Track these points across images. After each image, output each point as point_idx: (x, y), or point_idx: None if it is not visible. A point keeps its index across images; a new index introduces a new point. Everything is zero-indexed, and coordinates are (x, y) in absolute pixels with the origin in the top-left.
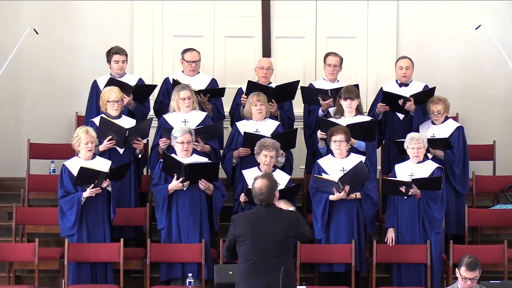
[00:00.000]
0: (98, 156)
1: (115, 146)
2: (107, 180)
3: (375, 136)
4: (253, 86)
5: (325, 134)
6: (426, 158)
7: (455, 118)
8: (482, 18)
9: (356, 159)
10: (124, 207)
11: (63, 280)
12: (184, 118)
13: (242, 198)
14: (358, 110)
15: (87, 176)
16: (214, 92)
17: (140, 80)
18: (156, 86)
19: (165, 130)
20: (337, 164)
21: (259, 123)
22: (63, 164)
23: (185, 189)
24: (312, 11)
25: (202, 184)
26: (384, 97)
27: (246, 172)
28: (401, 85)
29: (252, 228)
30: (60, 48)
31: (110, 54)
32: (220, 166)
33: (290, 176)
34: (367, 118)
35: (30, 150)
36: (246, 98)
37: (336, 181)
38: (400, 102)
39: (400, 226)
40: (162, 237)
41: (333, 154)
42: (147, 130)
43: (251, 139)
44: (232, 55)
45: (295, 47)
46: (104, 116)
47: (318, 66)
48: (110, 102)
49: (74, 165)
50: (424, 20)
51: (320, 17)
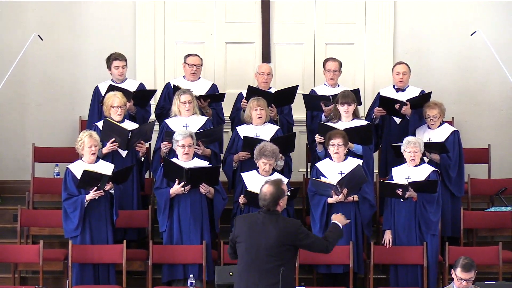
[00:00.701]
0: (101, 159)
1: (118, 149)
2: (110, 183)
3: (372, 139)
4: (253, 91)
5: (323, 138)
6: (422, 161)
7: (451, 123)
8: (477, 24)
9: (353, 163)
10: (127, 210)
11: (67, 281)
12: (185, 122)
13: (241, 200)
14: (355, 115)
15: (91, 179)
16: (214, 97)
17: (141, 85)
18: (155, 90)
19: (167, 134)
20: (335, 167)
21: (259, 128)
22: (67, 167)
23: (186, 192)
24: (310, 18)
25: (203, 188)
26: (381, 101)
27: (245, 175)
28: (398, 90)
29: (248, 230)
30: (64, 54)
31: (110, 60)
32: (221, 170)
33: (289, 179)
34: (364, 122)
35: (35, 153)
36: (247, 103)
37: (334, 184)
38: (396, 106)
39: (397, 228)
40: (164, 239)
41: (331, 158)
42: (150, 133)
43: (251, 143)
44: (232, 61)
45: (294, 53)
46: (107, 118)
47: (316, 71)
48: (113, 107)
49: (77, 168)
50: (420, 26)
51: (318, 23)
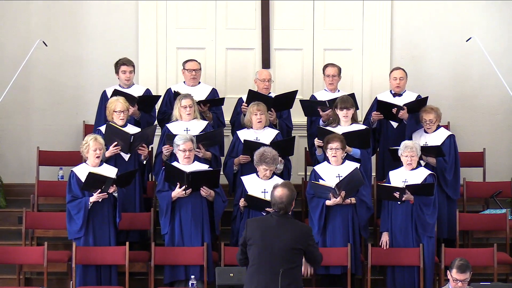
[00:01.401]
0: (105, 163)
1: (121, 152)
2: (114, 186)
3: (370, 143)
4: (253, 95)
5: (322, 142)
6: (419, 165)
7: (447, 127)
8: (472, 31)
9: (351, 166)
10: (129, 212)
11: (71, 282)
12: (186, 126)
13: (241, 203)
14: (354, 119)
15: (95, 181)
16: (213, 102)
17: (147, 90)
18: (160, 96)
19: (168, 137)
20: (333, 170)
21: (259, 132)
22: (72, 170)
23: (187, 195)
24: (309, 24)
25: (204, 191)
26: (378, 106)
27: (245, 178)
28: (395, 95)
29: (261, 233)
30: (68, 60)
31: (118, 65)
32: (221, 173)
33: None
34: (362, 127)
35: (39, 157)
36: (247, 107)
37: (333, 187)
38: (394, 110)
39: (394, 230)
40: (165, 241)
41: (329, 161)
42: (152, 137)
43: (251, 147)
44: (233, 66)
45: (293, 59)
46: (110, 122)
47: (315, 76)
48: (116, 112)
49: (82, 171)
50: (417, 32)
51: (317, 30)
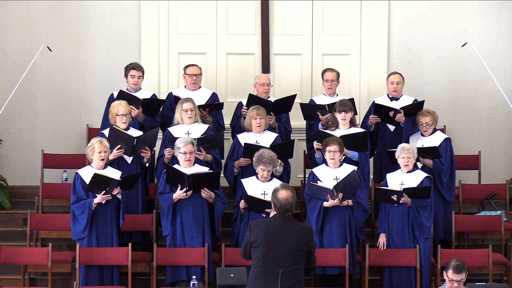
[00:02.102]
0: (109, 166)
1: (124, 155)
2: (118, 188)
3: (368, 146)
4: (254, 99)
5: (321, 144)
6: (415, 167)
7: (443, 130)
8: (468, 36)
9: (348, 169)
10: (132, 213)
11: (75, 282)
12: (187, 130)
13: (242, 204)
14: (352, 122)
15: (100, 182)
16: (213, 106)
17: (153, 95)
18: (164, 101)
19: (169, 140)
20: (331, 173)
21: (259, 135)
22: (76, 172)
23: (188, 197)
24: (308, 30)
25: (205, 193)
26: (376, 109)
27: (245, 180)
28: (392, 99)
29: (266, 235)
30: (71, 64)
31: (127, 69)
32: (222, 175)
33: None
34: (360, 130)
35: (44, 160)
36: (247, 110)
37: (331, 188)
38: (391, 114)
39: (391, 231)
40: (167, 242)
41: (327, 164)
42: (154, 140)
43: (251, 150)
44: (233, 71)
45: (293, 63)
46: (113, 126)
47: (314, 81)
48: (118, 115)
49: (86, 173)
50: (413, 38)
51: (316, 35)
